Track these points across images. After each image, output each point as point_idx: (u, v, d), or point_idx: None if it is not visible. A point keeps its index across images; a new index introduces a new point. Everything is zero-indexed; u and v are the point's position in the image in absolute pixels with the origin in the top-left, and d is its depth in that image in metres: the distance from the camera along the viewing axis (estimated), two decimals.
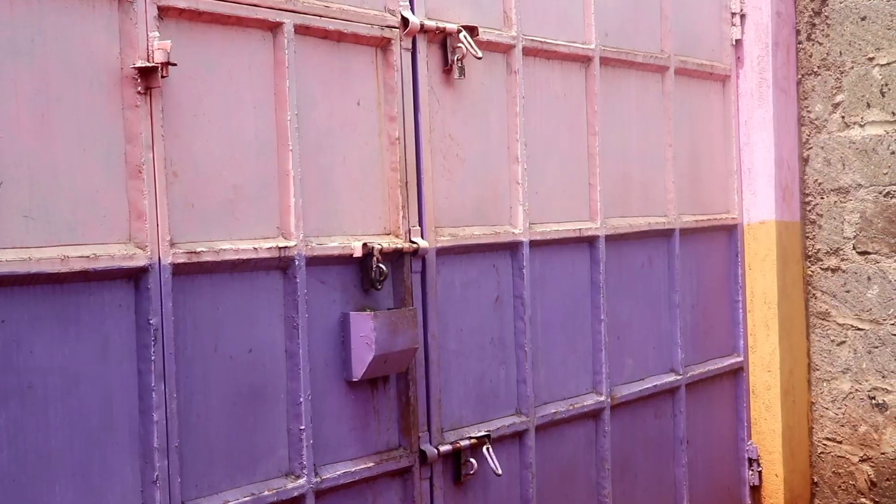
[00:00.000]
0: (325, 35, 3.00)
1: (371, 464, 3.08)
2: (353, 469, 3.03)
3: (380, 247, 3.05)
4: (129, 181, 2.53)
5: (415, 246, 3.18)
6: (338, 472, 2.98)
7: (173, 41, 2.57)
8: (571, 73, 3.86)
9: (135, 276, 2.54)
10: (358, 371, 3.02)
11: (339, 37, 3.04)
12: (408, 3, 3.23)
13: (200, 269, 2.67)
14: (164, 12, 2.60)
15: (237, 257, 2.74)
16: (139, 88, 2.53)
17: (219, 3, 2.72)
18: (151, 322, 2.54)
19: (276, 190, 2.87)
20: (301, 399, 2.88)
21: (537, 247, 3.66)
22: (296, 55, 2.91)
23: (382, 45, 3.16)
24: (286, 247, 2.86)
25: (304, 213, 2.91)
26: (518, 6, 3.59)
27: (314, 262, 2.94)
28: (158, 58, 2.53)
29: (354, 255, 3.01)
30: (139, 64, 2.52)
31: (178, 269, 2.61)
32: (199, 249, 2.65)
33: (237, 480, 2.76)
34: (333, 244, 2.99)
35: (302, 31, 2.93)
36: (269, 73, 2.87)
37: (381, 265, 3.04)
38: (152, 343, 2.54)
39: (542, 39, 3.70)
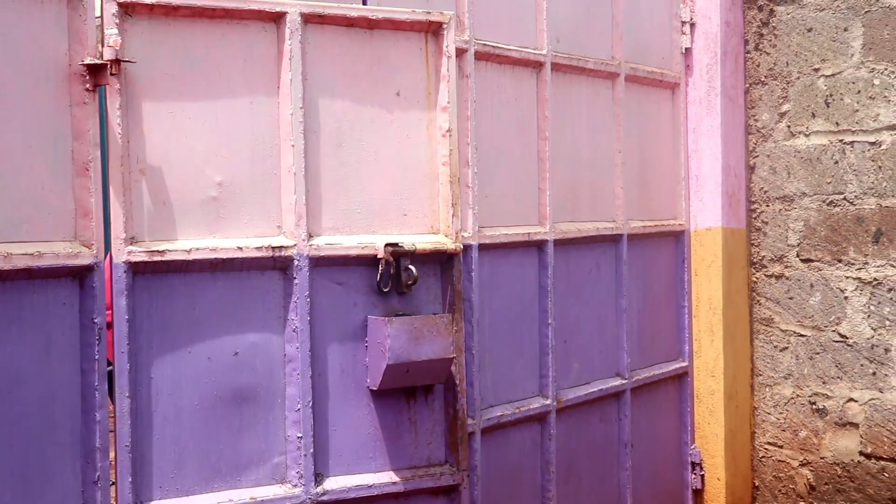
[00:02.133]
0: (348, 23, 2.84)
1: (398, 478, 2.90)
2: (371, 482, 2.86)
3: (413, 247, 2.83)
4: (75, 179, 2.50)
5: (461, 246, 3.00)
6: (349, 485, 2.82)
7: (146, 38, 2.54)
8: (523, 78, 3.88)
9: (80, 275, 2.51)
10: (375, 380, 2.83)
11: (368, 24, 2.88)
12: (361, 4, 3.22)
13: (169, 268, 2.62)
14: (130, 9, 2.56)
15: (214, 256, 2.66)
16: (87, 85, 2.51)
17: None
18: (96, 321, 2.52)
19: (277, 188, 2.76)
20: (299, 405, 2.76)
21: (486, 250, 3.68)
22: (310, 45, 2.78)
23: (433, 29, 2.99)
24: (281, 246, 2.74)
25: (314, 211, 2.79)
26: (471, 11, 3.60)
27: (325, 262, 2.80)
28: (107, 55, 2.51)
29: (378, 256, 2.83)
30: (88, 61, 2.50)
31: (139, 268, 2.57)
32: (161, 248, 2.60)
33: (215, 485, 2.69)
34: (349, 244, 2.83)
35: (315, 19, 2.79)
36: (269, 65, 2.76)
37: (410, 267, 2.85)
38: (96, 342, 2.51)
39: (495, 44, 3.72)
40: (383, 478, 2.87)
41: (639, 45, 4.49)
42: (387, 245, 2.81)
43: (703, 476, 4.77)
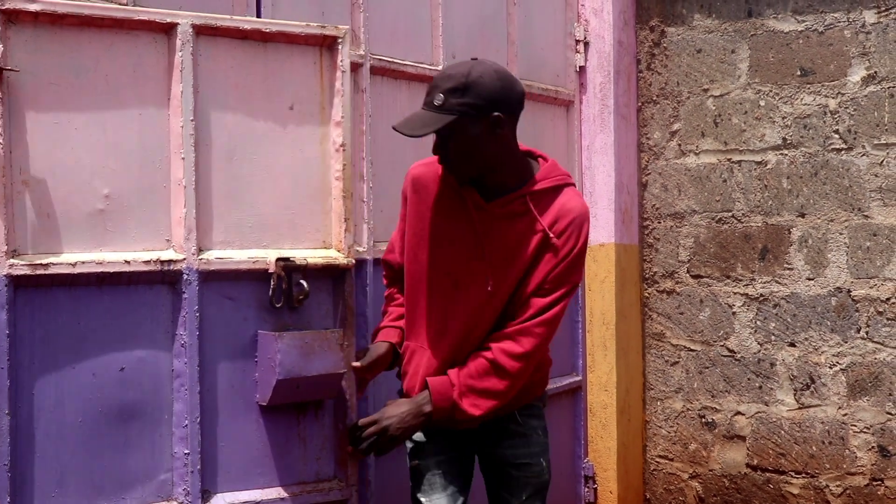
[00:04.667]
0: (242, 35, 2.81)
1: (287, 494, 2.87)
2: (260, 498, 2.83)
3: (304, 262, 2.84)
4: None
5: (353, 261, 3.00)
6: (237, 501, 2.79)
7: (31, 46, 2.46)
8: (419, 93, 3.88)
9: None
10: (265, 395, 2.80)
11: (262, 36, 2.85)
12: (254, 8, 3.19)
13: (54, 281, 2.55)
14: (13, 17, 2.48)
15: (101, 270, 2.60)
16: None
17: (85, 5, 2.59)
18: None
19: (166, 200, 2.71)
20: (186, 422, 2.71)
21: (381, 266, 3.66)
22: (202, 57, 2.74)
23: (327, 44, 2.97)
24: (170, 260, 2.69)
25: (205, 224, 2.75)
26: (367, 26, 3.59)
27: (216, 276, 2.76)
28: None
29: (270, 271, 2.82)
30: None
31: (22, 282, 2.49)
32: (45, 262, 2.52)
33: (98, 503, 2.62)
34: (240, 258, 2.80)
35: (207, 31, 2.75)
36: (160, 77, 2.71)
37: (301, 282, 2.85)
38: None
39: (390, 59, 3.72)
40: (272, 493, 2.85)
41: (533, 63, 4.54)
42: (278, 260, 2.79)
43: (595, 489, 4.83)
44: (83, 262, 2.58)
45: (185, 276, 2.71)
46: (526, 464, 2.98)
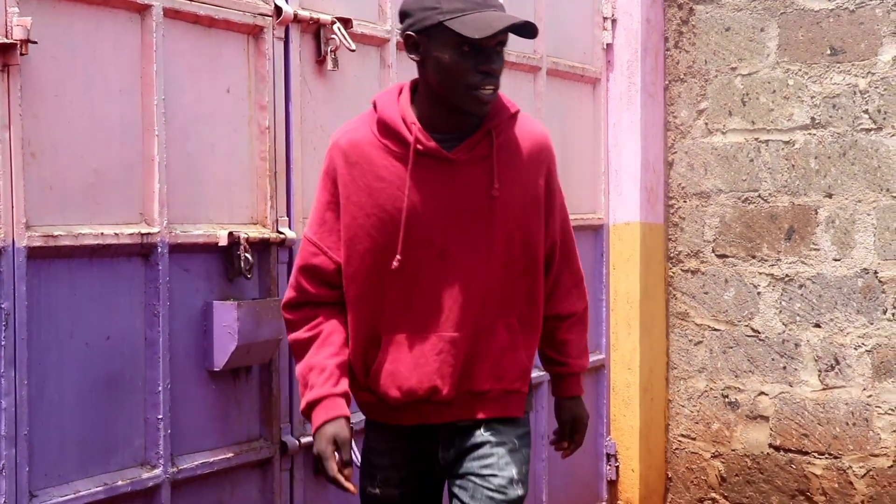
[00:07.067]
0: (195, 20, 2.96)
1: (230, 454, 3.06)
2: (212, 459, 3.00)
3: (246, 236, 3.03)
4: None
5: (282, 236, 3.16)
6: (196, 463, 2.95)
7: (35, 18, 2.49)
8: None
9: None
10: (220, 361, 2.99)
11: (210, 22, 3.00)
12: None
13: (58, 253, 2.61)
14: None
15: (97, 242, 2.68)
16: None
17: None
18: (3, 307, 2.46)
19: (140, 175, 2.83)
20: (160, 388, 2.85)
21: None
22: (164, 39, 2.85)
23: (254, 32, 3.13)
24: (149, 233, 2.82)
25: (168, 199, 2.87)
26: (394, 1, 3.59)
27: (177, 249, 2.90)
28: (18, 34, 2.45)
29: (220, 244, 2.99)
30: None
31: (34, 253, 2.54)
32: (56, 233, 2.59)
33: (91, 470, 2.70)
34: (198, 232, 2.96)
35: (171, 14, 2.88)
36: (136, 56, 2.81)
37: (247, 255, 3.03)
38: (3, 328, 2.46)
39: None
40: (219, 454, 3.03)
41: (561, 40, 4.52)
42: (230, 234, 2.99)
43: (617, 467, 4.84)
44: (83, 234, 2.65)
45: (158, 249, 2.84)
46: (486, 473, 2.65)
